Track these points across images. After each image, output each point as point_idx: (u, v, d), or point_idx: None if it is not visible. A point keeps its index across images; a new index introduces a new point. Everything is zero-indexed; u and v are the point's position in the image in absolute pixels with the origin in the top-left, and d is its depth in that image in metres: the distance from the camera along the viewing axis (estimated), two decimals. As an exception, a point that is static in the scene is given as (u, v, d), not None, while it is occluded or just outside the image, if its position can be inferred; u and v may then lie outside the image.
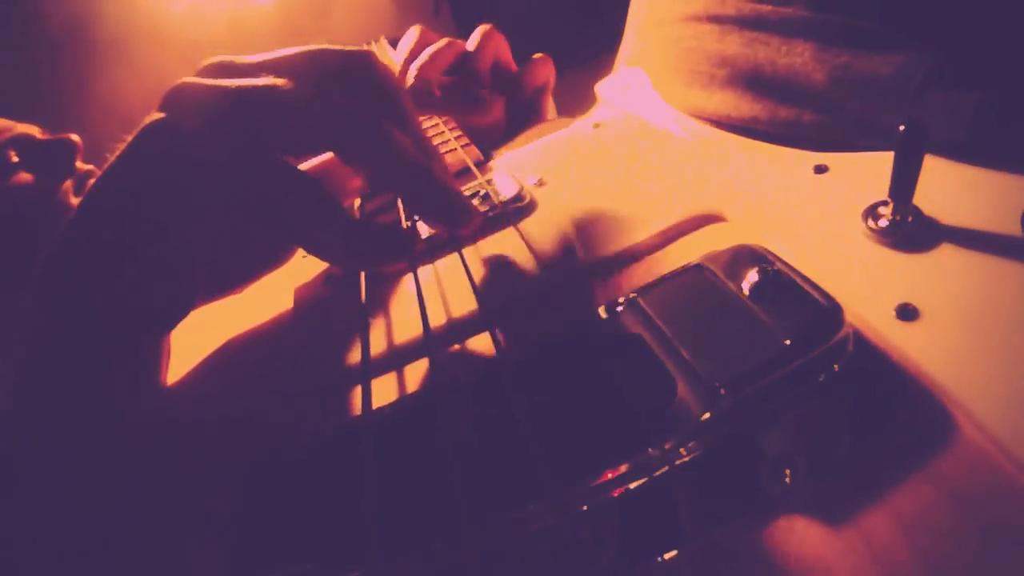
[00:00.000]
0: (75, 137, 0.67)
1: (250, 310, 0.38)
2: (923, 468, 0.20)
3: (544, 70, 0.65)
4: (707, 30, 0.41)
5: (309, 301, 0.38)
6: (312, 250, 0.31)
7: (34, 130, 0.67)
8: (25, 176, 0.62)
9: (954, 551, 0.18)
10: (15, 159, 0.62)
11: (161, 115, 0.29)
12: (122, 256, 0.29)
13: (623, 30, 0.55)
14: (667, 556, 0.20)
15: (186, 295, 0.32)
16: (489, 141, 0.60)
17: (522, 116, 0.65)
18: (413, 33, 0.63)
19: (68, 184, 0.64)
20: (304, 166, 0.38)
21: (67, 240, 0.29)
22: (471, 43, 0.60)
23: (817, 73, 0.34)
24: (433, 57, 0.57)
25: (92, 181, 0.68)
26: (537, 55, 0.65)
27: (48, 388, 0.29)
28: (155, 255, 0.29)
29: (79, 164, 0.67)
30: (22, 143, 0.64)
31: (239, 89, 0.29)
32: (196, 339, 0.36)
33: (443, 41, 0.59)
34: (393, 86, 0.33)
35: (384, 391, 0.29)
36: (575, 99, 0.65)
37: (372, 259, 0.32)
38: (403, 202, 0.33)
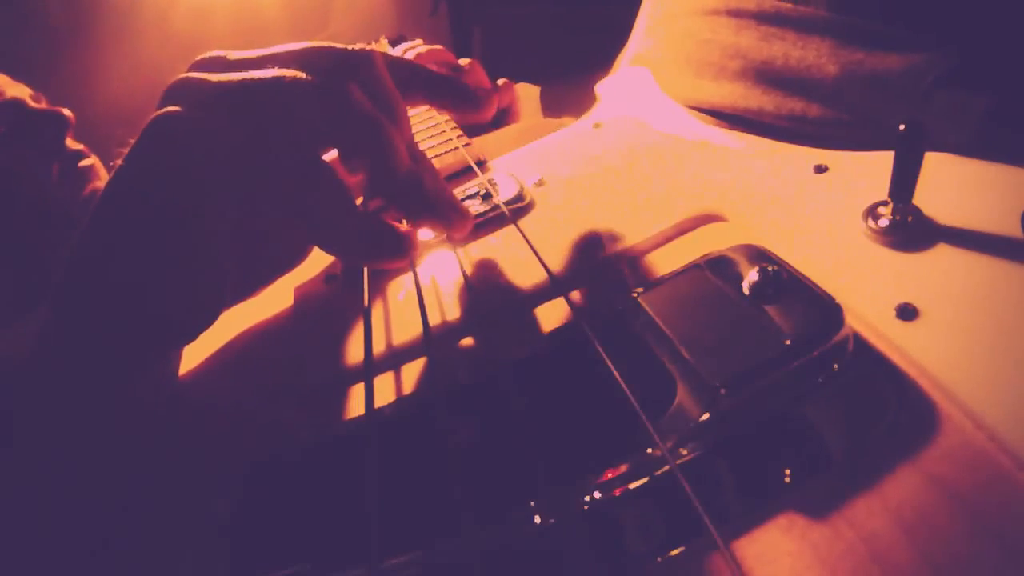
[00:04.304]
0: (67, 112, 0.63)
1: (250, 309, 0.38)
2: (922, 467, 0.20)
3: (508, 94, 0.75)
4: (724, 23, 0.41)
5: (309, 300, 0.38)
6: (324, 243, 0.30)
7: (25, 93, 0.63)
8: (7, 149, 0.58)
9: (953, 550, 0.18)
10: (1, 129, 0.59)
11: (169, 109, 0.29)
12: (145, 260, 0.28)
13: (619, 36, 0.55)
14: (666, 556, 0.20)
15: (215, 299, 0.30)
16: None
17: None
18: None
19: (55, 166, 0.61)
20: None
21: (85, 245, 0.28)
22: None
23: (829, 67, 0.34)
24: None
25: (83, 163, 0.65)
26: (500, 80, 0.75)
27: (57, 390, 0.29)
28: (179, 256, 0.28)
29: (69, 142, 0.63)
30: (10, 109, 0.60)
31: (245, 81, 0.29)
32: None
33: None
34: (393, 89, 0.33)
35: (384, 391, 0.29)
36: (575, 99, 0.66)
37: (379, 254, 0.31)
38: (396, 204, 0.33)
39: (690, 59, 0.44)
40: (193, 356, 0.36)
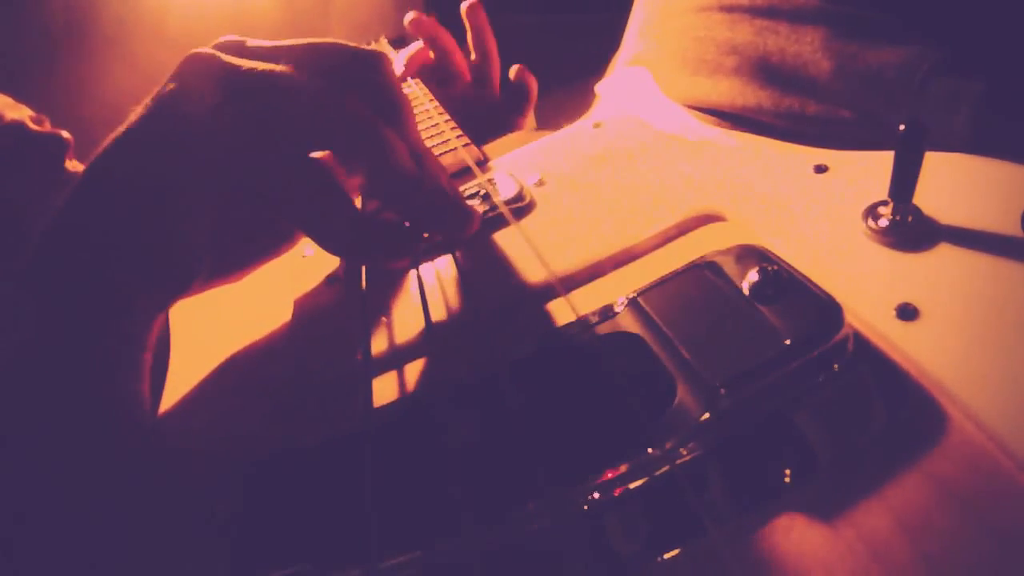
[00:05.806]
0: (66, 134, 0.64)
1: (250, 309, 0.38)
2: (923, 467, 0.20)
3: (528, 81, 0.73)
4: (718, 19, 0.42)
5: (310, 301, 0.38)
6: (318, 239, 0.30)
7: (25, 114, 0.64)
8: (8, 174, 0.59)
9: (954, 550, 0.18)
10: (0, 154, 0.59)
11: (176, 85, 0.30)
12: (127, 220, 0.29)
13: (612, 42, 0.55)
14: (667, 556, 0.20)
15: (187, 269, 0.32)
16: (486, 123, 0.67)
17: (499, 126, 0.71)
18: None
19: (54, 188, 0.60)
20: None
21: (71, 203, 0.30)
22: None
23: (824, 62, 0.34)
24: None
25: None
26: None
27: (40, 381, 0.28)
28: (160, 222, 0.30)
29: (69, 164, 0.64)
30: (11, 133, 0.61)
31: (256, 72, 0.29)
32: (196, 340, 0.36)
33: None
34: (398, 91, 0.33)
35: (384, 390, 0.29)
36: (575, 100, 0.66)
37: (377, 253, 0.31)
38: (393, 207, 0.33)
39: (686, 58, 0.44)
40: (193, 355, 0.36)
